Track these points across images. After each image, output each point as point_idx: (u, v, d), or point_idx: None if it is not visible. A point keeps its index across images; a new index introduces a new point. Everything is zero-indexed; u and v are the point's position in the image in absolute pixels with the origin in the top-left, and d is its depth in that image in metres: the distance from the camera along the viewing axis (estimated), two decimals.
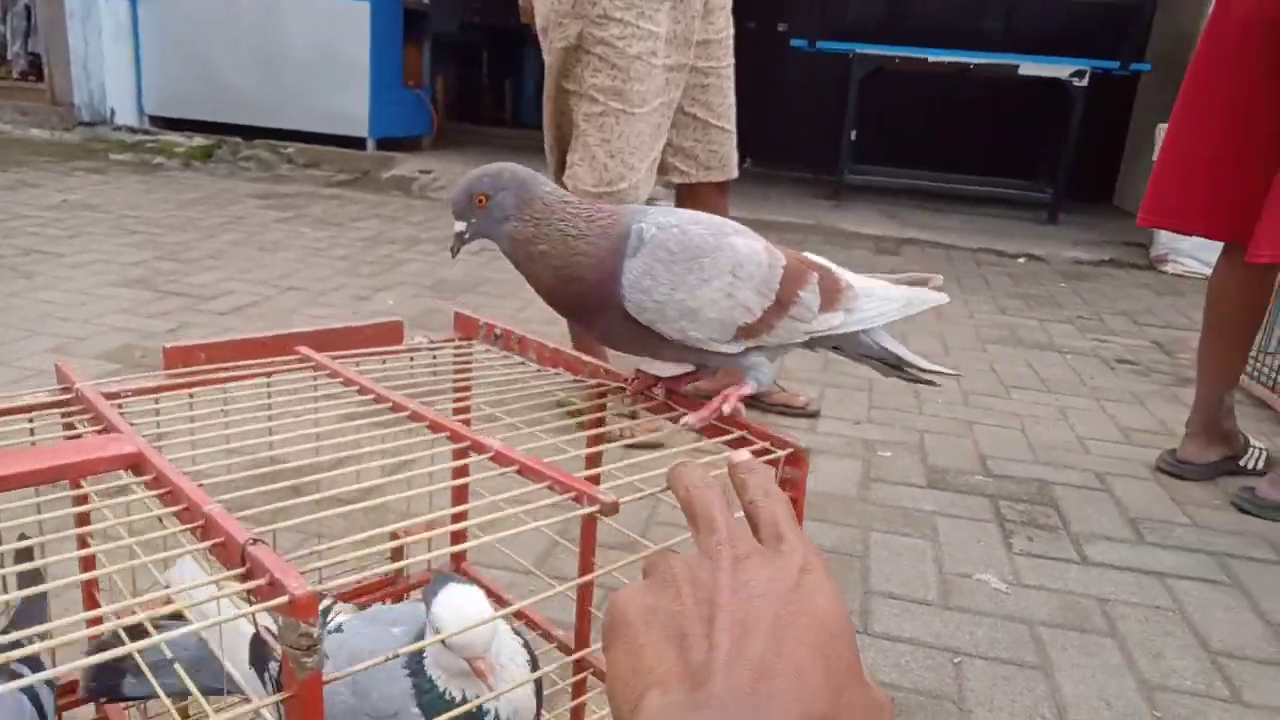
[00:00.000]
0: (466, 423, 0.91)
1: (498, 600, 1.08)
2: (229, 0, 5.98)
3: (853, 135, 5.86)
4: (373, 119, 5.97)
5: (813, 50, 5.98)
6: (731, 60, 2.16)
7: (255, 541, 0.49)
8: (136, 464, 0.56)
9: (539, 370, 0.90)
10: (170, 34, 6.15)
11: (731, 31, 2.15)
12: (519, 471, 0.68)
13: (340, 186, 5.19)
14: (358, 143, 5.95)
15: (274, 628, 0.51)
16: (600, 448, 0.79)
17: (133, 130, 6.10)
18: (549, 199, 0.75)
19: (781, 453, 0.72)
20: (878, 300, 0.84)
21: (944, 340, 3.00)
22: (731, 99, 2.19)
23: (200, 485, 0.56)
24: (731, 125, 2.20)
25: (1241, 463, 2.10)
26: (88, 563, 0.74)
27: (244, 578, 0.49)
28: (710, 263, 0.74)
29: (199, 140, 5.80)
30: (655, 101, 2.00)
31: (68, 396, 0.70)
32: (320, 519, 0.58)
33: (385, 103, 6.06)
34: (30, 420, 0.71)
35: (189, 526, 0.53)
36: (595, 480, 0.89)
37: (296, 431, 0.72)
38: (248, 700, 0.79)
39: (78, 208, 4.02)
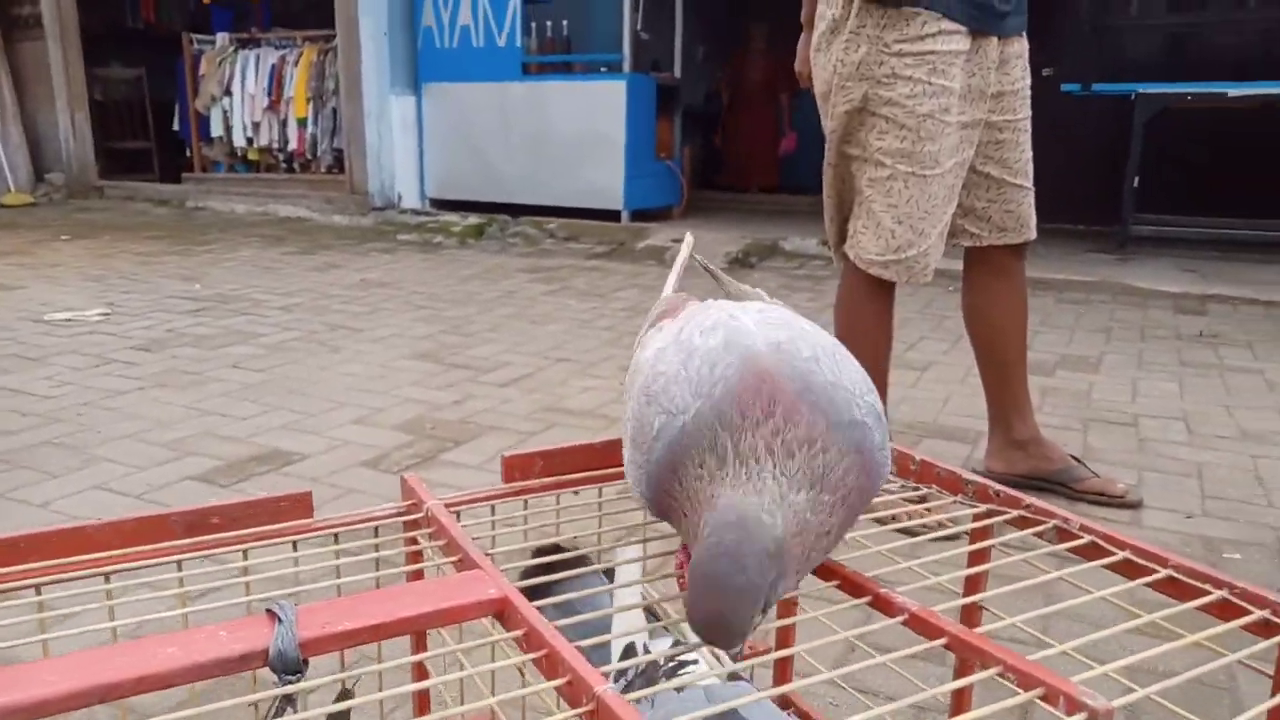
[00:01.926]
0: None
1: None
2: (499, 89, 6.48)
3: (1135, 182, 5.34)
4: (627, 192, 6.20)
5: (1086, 93, 5.55)
6: (1028, 112, 1.98)
7: None
8: (502, 610, 0.51)
9: (902, 485, 0.79)
10: (448, 124, 6.75)
11: (1028, 81, 1.98)
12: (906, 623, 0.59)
13: (599, 258, 5.39)
14: (613, 215, 6.18)
15: None
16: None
17: (416, 212, 6.71)
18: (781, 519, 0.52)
19: None
20: None
21: None
22: (1029, 153, 2.01)
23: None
24: (1029, 182, 2.01)
25: None
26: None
27: None
28: None
29: (473, 219, 6.27)
30: (949, 162, 1.86)
31: (416, 516, 0.67)
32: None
33: (639, 175, 6.28)
34: (376, 534, 0.70)
35: (555, 683, 0.47)
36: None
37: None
38: None
39: (373, 286, 4.43)
